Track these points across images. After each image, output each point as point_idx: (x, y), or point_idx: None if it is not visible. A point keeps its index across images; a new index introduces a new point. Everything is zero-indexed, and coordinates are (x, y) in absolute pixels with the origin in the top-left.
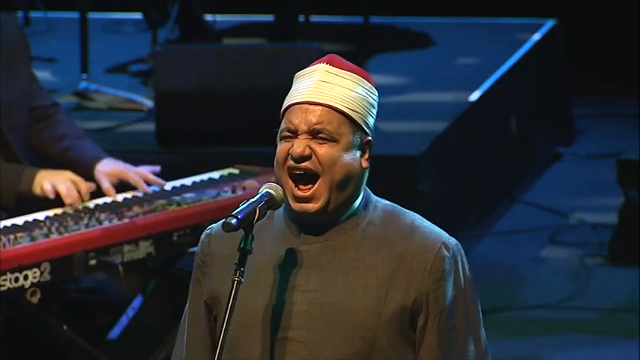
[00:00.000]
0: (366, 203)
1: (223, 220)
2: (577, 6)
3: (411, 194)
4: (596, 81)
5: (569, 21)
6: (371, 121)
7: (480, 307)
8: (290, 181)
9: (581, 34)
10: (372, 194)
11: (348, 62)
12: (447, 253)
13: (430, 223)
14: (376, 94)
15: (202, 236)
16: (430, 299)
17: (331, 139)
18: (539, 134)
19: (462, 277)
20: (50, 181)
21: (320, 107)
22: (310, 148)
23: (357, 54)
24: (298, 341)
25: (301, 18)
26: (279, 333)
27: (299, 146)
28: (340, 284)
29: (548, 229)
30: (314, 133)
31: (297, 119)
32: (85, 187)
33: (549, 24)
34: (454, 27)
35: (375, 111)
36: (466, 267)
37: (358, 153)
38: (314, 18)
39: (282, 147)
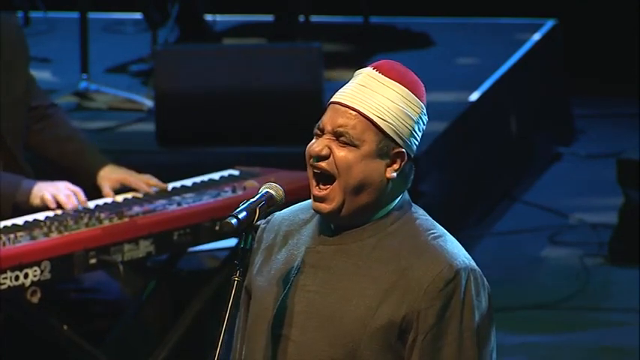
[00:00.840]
0: (394, 213)
1: (225, 219)
2: (577, 6)
3: (411, 194)
4: (596, 81)
5: (569, 21)
6: (405, 132)
7: (488, 344)
8: (312, 179)
9: (581, 34)
10: (412, 205)
11: (400, 70)
12: (449, 275)
13: (455, 245)
14: (420, 107)
15: (262, 220)
16: (420, 317)
17: (351, 144)
18: (539, 134)
19: (462, 303)
20: (50, 191)
21: (349, 111)
22: (330, 149)
23: (357, 54)
24: (291, 339)
25: (301, 18)
26: (279, 329)
27: (318, 145)
28: (339, 289)
29: (548, 229)
30: (337, 135)
31: (327, 119)
32: (83, 196)
33: (549, 24)
34: (454, 27)
35: (414, 124)
36: (473, 296)
37: (383, 162)
38: (314, 18)
39: (310, 143)
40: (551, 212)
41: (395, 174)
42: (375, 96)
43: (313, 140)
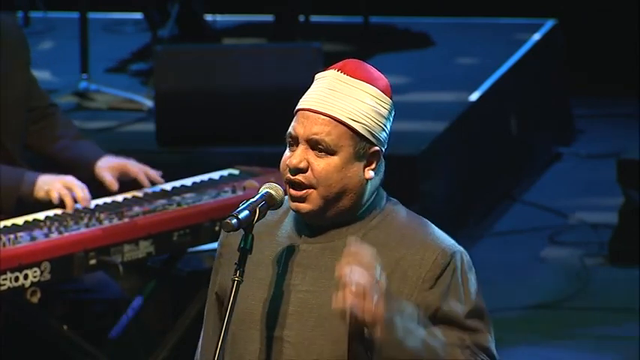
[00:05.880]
0: (374, 209)
1: (225, 219)
2: (577, 6)
3: (411, 194)
4: (597, 81)
5: (569, 21)
6: (379, 131)
7: (486, 313)
8: (288, 185)
9: (581, 34)
10: (388, 198)
11: (365, 69)
12: (445, 261)
13: (438, 230)
14: (389, 103)
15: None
16: (422, 306)
17: (329, 152)
18: (539, 134)
19: (460, 285)
20: (56, 188)
21: (322, 117)
22: (307, 160)
23: (357, 54)
24: (287, 341)
25: (301, 18)
26: (271, 331)
27: (295, 157)
28: (332, 287)
29: (548, 229)
30: (312, 144)
31: (299, 127)
32: (88, 193)
33: (549, 24)
34: (454, 27)
35: (385, 121)
36: (468, 277)
37: (361, 164)
38: (314, 18)
39: (285, 154)
40: (551, 212)
41: (373, 173)
42: (346, 99)
43: (287, 151)
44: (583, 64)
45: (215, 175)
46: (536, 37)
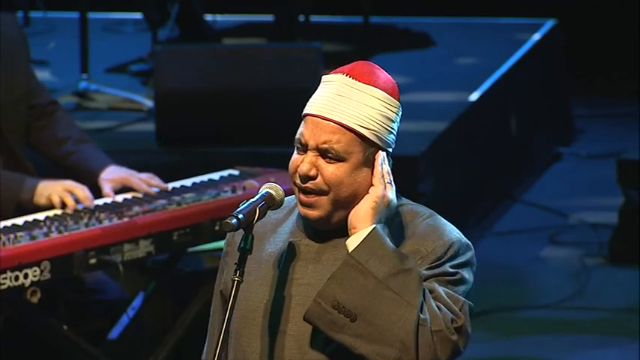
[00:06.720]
0: None
1: (225, 219)
2: (577, 6)
3: (411, 194)
4: (596, 81)
5: (569, 21)
6: (387, 135)
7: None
8: (297, 190)
9: (582, 34)
10: (399, 198)
11: (372, 72)
12: (443, 249)
13: (444, 221)
14: (397, 107)
15: None
16: None
17: (338, 159)
18: (539, 134)
19: (454, 274)
20: (55, 192)
21: (331, 124)
22: (317, 167)
23: (357, 54)
24: (289, 334)
25: (301, 18)
26: (274, 327)
27: (305, 165)
28: None
29: (548, 229)
30: (322, 152)
31: (308, 133)
32: (89, 193)
33: (549, 24)
34: (454, 27)
35: (394, 125)
36: (463, 267)
37: (369, 169)
38: (314, 18)
39: (293, 159)
40: (551, 212)
41: None
42: (354, 104)
43: (295, 154)
44: (583, 64)
45: (215, 175)
46: (536, 37)
